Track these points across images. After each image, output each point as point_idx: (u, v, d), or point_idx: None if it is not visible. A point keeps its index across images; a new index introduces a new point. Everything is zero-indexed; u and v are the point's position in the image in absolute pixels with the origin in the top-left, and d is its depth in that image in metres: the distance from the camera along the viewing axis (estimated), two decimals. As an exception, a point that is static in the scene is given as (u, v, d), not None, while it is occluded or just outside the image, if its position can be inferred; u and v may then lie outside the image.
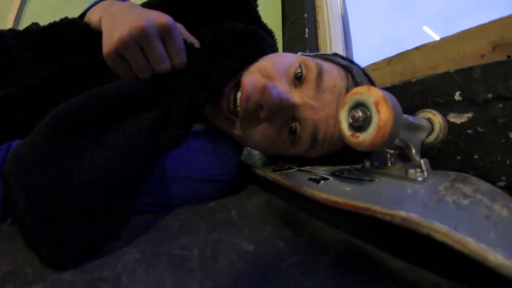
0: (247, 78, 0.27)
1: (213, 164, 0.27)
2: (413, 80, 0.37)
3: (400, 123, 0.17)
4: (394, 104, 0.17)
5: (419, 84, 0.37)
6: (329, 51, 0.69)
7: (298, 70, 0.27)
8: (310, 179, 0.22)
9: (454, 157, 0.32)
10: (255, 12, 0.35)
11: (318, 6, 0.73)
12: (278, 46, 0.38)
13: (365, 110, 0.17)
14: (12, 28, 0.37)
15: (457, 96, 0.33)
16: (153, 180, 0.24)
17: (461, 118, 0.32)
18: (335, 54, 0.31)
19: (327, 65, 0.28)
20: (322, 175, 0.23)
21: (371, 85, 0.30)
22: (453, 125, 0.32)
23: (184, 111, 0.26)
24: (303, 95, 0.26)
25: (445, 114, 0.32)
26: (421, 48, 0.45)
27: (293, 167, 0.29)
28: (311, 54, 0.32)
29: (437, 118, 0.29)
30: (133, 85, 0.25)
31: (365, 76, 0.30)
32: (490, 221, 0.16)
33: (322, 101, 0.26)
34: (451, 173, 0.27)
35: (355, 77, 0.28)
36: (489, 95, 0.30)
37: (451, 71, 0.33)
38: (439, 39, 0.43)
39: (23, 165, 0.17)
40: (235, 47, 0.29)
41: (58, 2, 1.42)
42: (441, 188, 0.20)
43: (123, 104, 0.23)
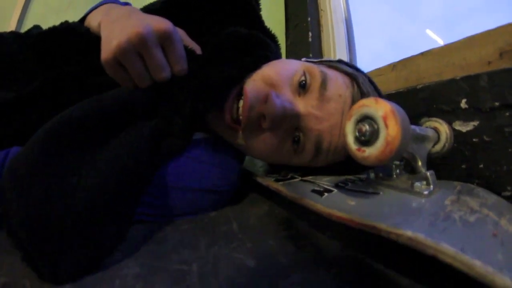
0: (250, 86, 0.26)
1: (214, 175, 0.27)
2: (418, 87, 0.37)
3: (409, 138, 0.17)
4: (403, 118, 0.16)
5: (425, 91, 0.36)
6: (333, 55, 0.68)
7: (303, 78, 0.27)
8: (313, 191, 0.22)
9: (459, 166, 0.32)
10: (258, 17, 0.34)
11: (322, 10, 0.73)
12: (281, 50, 0.37)
13: (372, 124, 0.16)
14: (13, 31, 0.37)
15: (463, 104, 0.32)
16: (153, 191, 0.24)
17: (467, 126, 0.32)
18: (340, 61, 0.30)
19: (332, 73, 0.27)
20: (326, 187, 0.23)
21: (377, 94, 0.30)
22: (459, 133, 0.31)
23: (185, 120, 0.25)
24: (307, 104, 0.26)
25: (451, 122, 0.31)
26: (427, 54, 0.44)
27: (296, 177, 0.28)
28: (316, 61, 0.31)
29: (444, 128, 0.28)
30: (132, 94, 0.24)
31: (371, 84, 0.29)
32: (497, 240, 0.15)
33: (327, 111, 0.25)
34: (457, 184, 0.26)
35: (361, 86, 0.27)
36: (496, 103, 0.29)
37: (457, 78, 0.33)
38: (445, 45, 0.42)
39: (18, 180, 0.17)
40: (238, 54, 0.28)
41: (61, 5, 1.43)
42: (448, 203, 0.20)
43: (122, 114, 0.23)
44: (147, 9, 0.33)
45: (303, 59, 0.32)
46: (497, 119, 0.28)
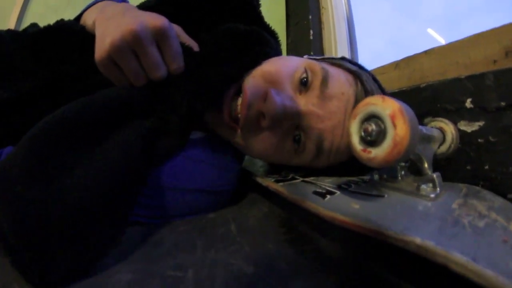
0: (249, 84, 0.25)
1: (212, 175, 0.26)
2: (422, 85, 0.36)
3: (417, 138, 0.16)
4: (411, 117, 0.15)
5: (428, 90, 0.35)
6: (334, 53, 0.67)
7: (304, 75, 0.26)
8: (315, 193, 0.21)
9: (464, 167, 0.31)
10: (258, 13, 0.33)
11: (323, 8, 0.72)
12: (282, 48, 0.36)
13: (379, 123, 0.16)
14: (10, 29, 0.36)
15: (468, 103, 0.31)
16: (149, 192, 0.23)
17: (472, 127, 0.31)
18: (343, 59, 0.30)
19: (334, 71, 0.26)
20: (328, 189, 0.22)
21: (382, 93, 0.29)
22: (463, 134, 0.30)
23: (182, 119, 0.24)
24: (308, 102, 0.25)
25: (455, 122, 0.30)
26: (430, 52, 0.43)
27: (297, 178, 0.27)
28: (318, 58, 0.30)
29: (449, 128, 0.28)
30: (127, 93, 0.24)
31: (375, 83, 0.28)
32: (508, 246, 0.15)
33: (328, 109, 0.25)
34: (462, 186, 0.26)
35: (365, 84, 0.26)
36: (502, 103, 0.28)
37: (462, 77, 0.32)
38: (449, 43, 0.41)
39: (7, 182, 0.16)
40: (237, 51, 0.27)
41: (61, 3, 1.41)
42: (455, 207, 0.19)
43: (116, 113, 0.22)
44: (143, 6, 0.32)
45: (305, 56, 0.31)
46: (503, 119, 0.28)
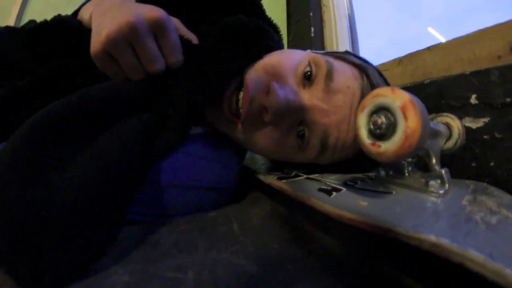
0: (251, 77, 0.25)
1: (213, 171, 0.25)
2: (426, 82, 0.35)
3: (428, 131, 0.15)
4: (422, 109, 0.15)
5: (432, 86, 0.35)
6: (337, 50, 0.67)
7: (308, 69, 0.25)
8: (321, 190, 0.20)
9: (469, 164, 0.31)
10: (259, 6, 0.33)
11: (324, 5, 0.71)
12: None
13: (389, 116, 0.15)
14: (8, 26, 0.35)
15: (473, 100, 0.31)
16: (147, 189, 0.22)
17: (477, 123, 0.31)
18: (348, 52, 0.29)
19: (339, 64, 0.26)
20: (334, 185, 0.21)
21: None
22: (469, 130, 0.30)
23: (181, 114, 0.24)
24: (312, 96, 0.24)
25: (460, 118, 0.30)
26: (433, 48, 0.43)
27: (301, 175, 0.26)
28: (321, 52, 0.30)
29: (456, 123, 0.27)
30: (124, 86, 0.23)
31: (381, 77, 0.28)
32: None
33: (334, 104, 0.24)
34: (469, 183, 0.25)
35: (371, 78, 0.25)
36: (508, 99, 0.28)
37: (467, 73, 0.31)
38: (452, 39, 0.41)
39: None
40: (238, 44, 0.26)
41: (61, 1, 1.40)
42: (465, 203, 0.19)
43: (112, 107, 0.21)
44: None
45: (308, 51, 0.30)
46: (509, 116, 0.27)
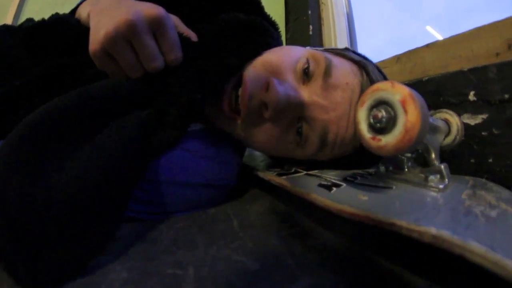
0: (250, 74, 0.25)
1: (212, 168, 0.25)
2: (424, 79, 0.35)
3: (428, 125, 0.15)
4: (422, 103, 0.15)
5: (431, 83, 0.35)
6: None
7: (307, 65, 0.25)
8: (321, 185, 0.20)
9: (468, 160, 0.31)
10: (258, 3, 0.33)
11: (323, 3, 0.71)
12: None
13: (388, 109, 0.15)
14: (6, 24, 0.35)
15: (471, 96, 0.31)
16: (145, 186, 0.22)
17: (475, 119, 0.31)
18: (347, 49, 0.29)
19: (338, 60, 0.26)
20: (334, 181, 0.21)
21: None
22: (467, 127, 0.30)
23: (181, 111, 0.24)
24: (312, 93, 0.24)
25: (459, 115, 0.30)
26: (432, 46, 0.43)
27: (301, 171, 0.26)
28: (321, 49, 0.29)
29: (455, 119, 0.27)
30: (123, 84, 0.23)
31: (380, 73, 0.28)
32: None
33: (333, 100, 0.24)
34: (468, 178, 0.25)
35: (371, 74, 0.25)
36: (506, 96, 0.28)
37: (465, 70, 0.32)
38: (451, 37, 0.41)
39: None
40: (237, 41, 0.26)
41: (57, 0, 1.39)
42: (465, 197, 0.19)
43: (111, 105, 0.21)
44: None
45: (308, 47, 0.30)
46: (507, 112, 0.28)
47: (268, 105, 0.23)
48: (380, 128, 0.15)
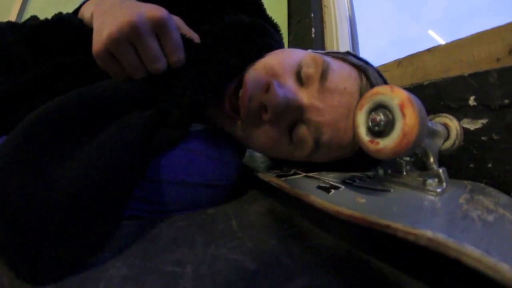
0: (250, 76, 0.25)
1: (212, 168, 0.25)
2: (425, 83, 0.36)
3: (426, 129, 0.15)
4: (420, 107, 0.15)
5: (431, 88, 0.35)
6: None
7: (306, 68, 0.25)
8: (319, 187, 0.20)
9: (467, 165, 0.31)
10: (260, 5, 0.33)
11: (325, 6, 0.72)
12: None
13: (387, 113, 0.15)
14: (10, 21, 0.36)
15: (472, 101, 0.31)
16: (146, 185, 0.22)
17: (475, 124, 0.31)
18: (348, 53, 0.29)
19: (337, 64, 0.26)
20: (332, 183, 0.21)
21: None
22: (467, 131, 0.30)
23: (183, 111, 0.24)
24: (310, 96, 0.24)
25: (459, 119, 0.30)
26: (433, 50, 0.43)
27: (300, 173, 0.27)
28: (322, 52, 0.30)
29: (454, 124, 0.27)
30: (126, 84, 0.23)
31: (380, 77, 0.28)
32: None
33: (329, 103, 0.24)
34: (467, 183, 0.26)
35: (371, 78, 0.25)
36: (506, 101, 0.28)
37: (466, 75, 0.32)
38: (452, 41, 0.41)
39: None
40: (239, 43, 0.27)
41: (60, -1, 1.40)
42: (462, 201, 0.19)
43: (114, 104, 0.21)
44: None
45: (309, 51, 0.30)
46: (507, 117, 0.28)
47: (268, 107, 0.23)
48: (379, 132, 0.15)
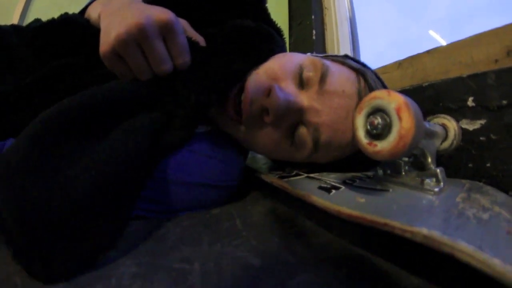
0: (252, 80, 0.26)
1: (217, 169, 0.26)
2: (424, 85, 0.36)
3: (422, 131, 0.16)
4: (416, 111, 0.15)
5: (431, 89, 0.36)
6: (337, 53, 0.68)
7: (306, 72, 0.26)
8: (320, 188, 0.21)
9: (466, 165, 0.31)
10: (264, 9, 0.33)
11: (326, 8, 0.72)
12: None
13: (384, 117, 0.16)
14: (13, 24, 0.36)
15: (470, 102, 0.32)
16: (153, 185, 0.23)
17: (474, 125, 0.31)
18: (346, 56, 0.30)
19: (335, 67, 0.27)
20: (333, 184, 0.22)
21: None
22: (466, 132, 0.31)
23: (188, 113, 0.24)
24: (310, 98, 0.25)
25: (457, 120, 0.31)
26: (433, 52, 0.43)
27: (302, 174, 0.27)
28: (321, 56, 0.30)
29: (452, 125, 0.28)
30: (132, 85, 0.24)
31: (378, 80, 0.28)
32: None
33: (328, 105, 0.25)
34: (465, 182, 0.26)
35: (369, 81, 0.26)
36: (504, 102, 0.29)
37: (464, 76, 0.32)
38: (451, 43, 0.42)
39: (9, 172, 0.16)
40: (243, 47, 0.27)
41: (64, 0, 1.42)
42: (459, 200, 0.19)
43: (122, 105, 0.22)
44: (149, 0, 0.32)
45: (308, 54, 0.31)
46: (505, 118, 0.28)
47: (269, 110, 0.24)
48: (376, 134, 0.16)
